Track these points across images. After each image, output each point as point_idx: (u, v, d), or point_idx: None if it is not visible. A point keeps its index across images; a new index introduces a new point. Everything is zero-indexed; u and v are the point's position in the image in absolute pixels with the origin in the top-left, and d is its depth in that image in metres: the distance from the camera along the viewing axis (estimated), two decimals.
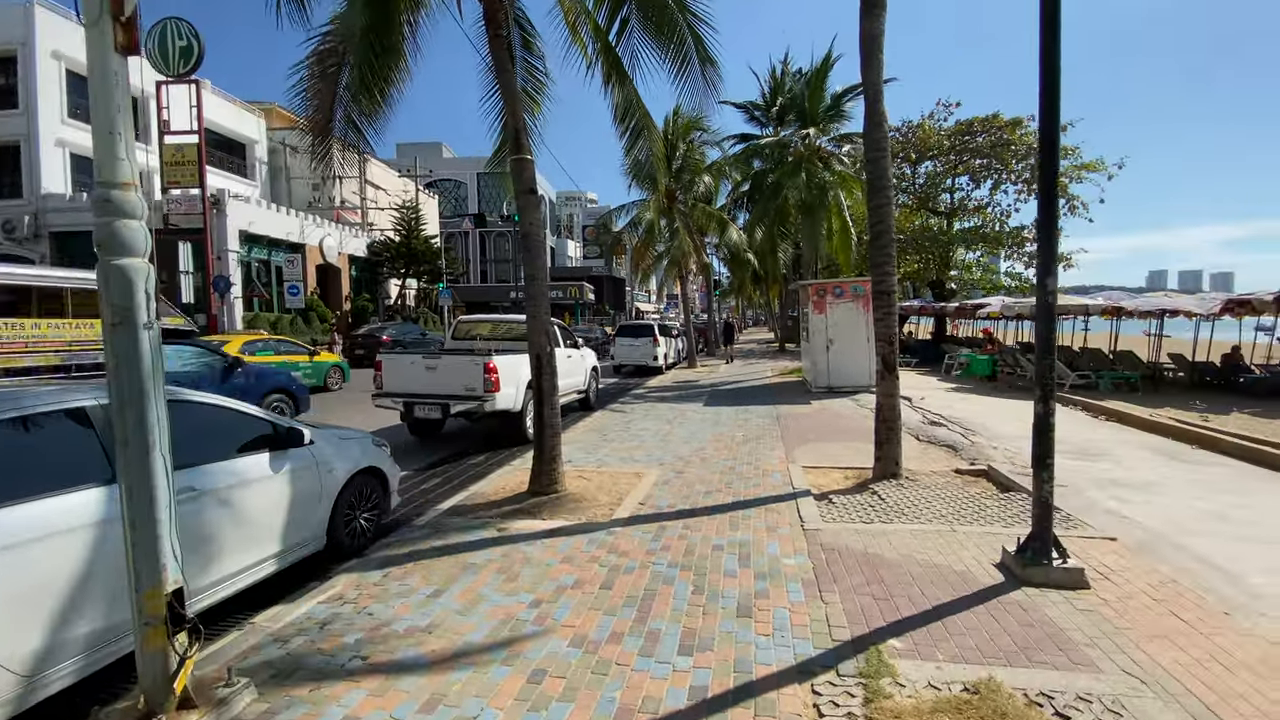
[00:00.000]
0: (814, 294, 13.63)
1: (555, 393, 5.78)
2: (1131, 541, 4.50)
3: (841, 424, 9.81)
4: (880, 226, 6.03)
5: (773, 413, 11.07)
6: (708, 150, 20.47)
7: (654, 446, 8.26)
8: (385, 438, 5.97)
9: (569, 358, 10.63)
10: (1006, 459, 7.36)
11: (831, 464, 7.02)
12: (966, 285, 28.59)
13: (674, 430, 9.47)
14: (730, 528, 4.75)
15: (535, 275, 5.70)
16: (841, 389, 13.51)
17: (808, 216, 15.99)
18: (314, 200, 34.57)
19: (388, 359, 8.32)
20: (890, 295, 6.04)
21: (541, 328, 5.72)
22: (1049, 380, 3.72)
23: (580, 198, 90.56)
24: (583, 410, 11.78)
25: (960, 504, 5.30)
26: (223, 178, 27.87)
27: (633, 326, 19.55)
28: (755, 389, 14.88)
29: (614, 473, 6.75)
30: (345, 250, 29.84)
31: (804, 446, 8.08)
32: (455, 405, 7.79)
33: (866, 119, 6.13)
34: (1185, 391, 14.10)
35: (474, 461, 7.79)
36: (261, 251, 24.87)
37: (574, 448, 8.17)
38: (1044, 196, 3.73)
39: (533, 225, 5.68)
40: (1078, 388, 14.04)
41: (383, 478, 5.12)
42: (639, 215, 19.53)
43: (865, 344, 13.43)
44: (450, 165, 64.73)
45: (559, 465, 5.82)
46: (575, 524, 4.92)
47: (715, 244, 33.53)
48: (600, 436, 9.07)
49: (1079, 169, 25.11)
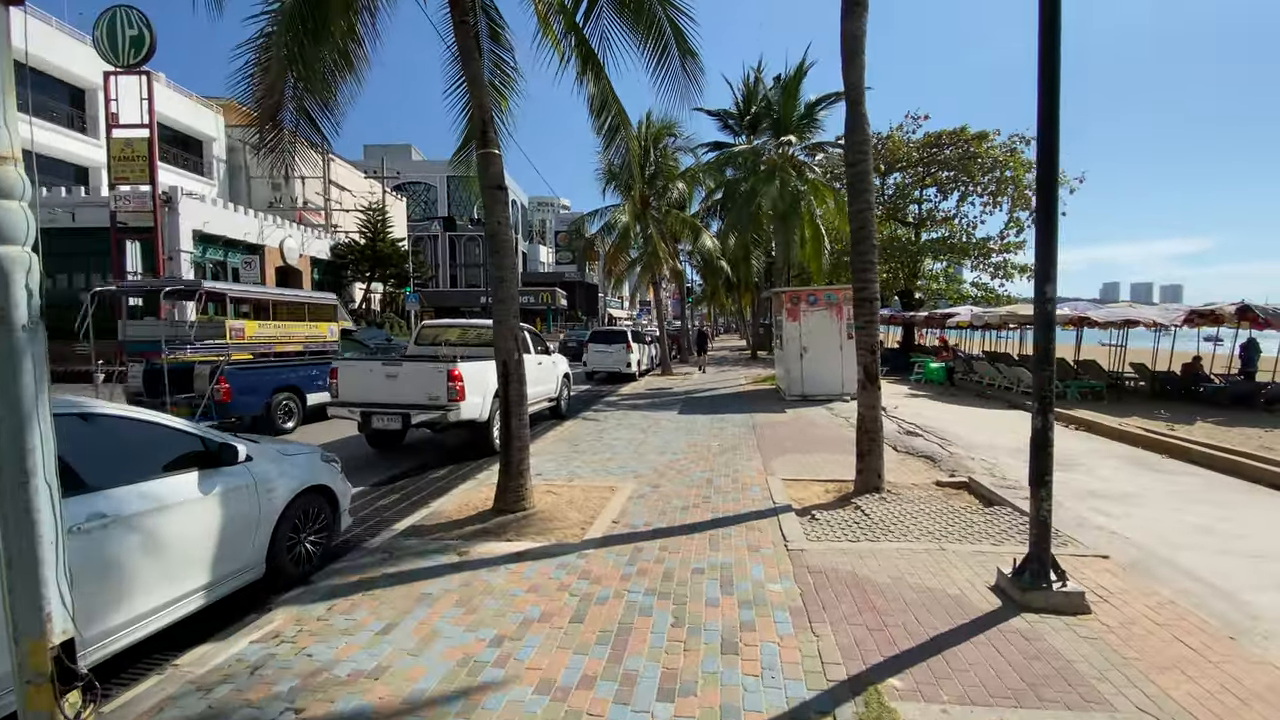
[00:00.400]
0: (788, 301, 13.51)
1: (523, 403, 5.42)
2: (1124, 559, 4.35)
3: (818, 433, 9.63)
4: (862, 231, 5.85)
5: (748, 421, 10.86)
6: (681, 156, 20.34)
7: (628, 457, 7.93)
8: (340, 450, 5.53)
9: (539, 364, 10.25)
10: (985, 470, 7.24)
11: (811, 476, 6.79)
12: (934, 295, 29.05)
13: (648, 440, 9.17)
14: (710, 548, 4.45)
15: (503, 277, 5.35)
16: (815, 397, 13.40)
17: (781, 224, 15.92)
18: (275, 201, 33.46)
19: (344, 365, 7.83)
20: (872, 303, 5.85)
21: (509, 333, 5.35)
22: (1048, 393, 3.53)
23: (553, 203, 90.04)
24: (554, 419, 11.39)
25: (946, 519, 5.11)
26: (177, 175, 26.71)
27: (606, 333, 19.22)
28: (729, 397, 14.68)
29: (586, 486, 6.40)
30: (307, 252, 28.85)
31: (782, 458, 7.85)
32: (417, 415, 7.35)
33: (848, 121, 5.95)
34: (1148, 401, 14.40)
35: (436, 476, 7.35)
36: (217, 252, 23.80)
37: (544, 459, 7.79)
38: (1043, 200, 3.55)
39: (500, 223, 5.33)
40: None
41: (332, 497, 4.68)
42: (613, 219, 19.25)
43: (839, 352, 13.36)
44: (419, 168, 63.63)
45: (527, 480, 5.45)
46: (543, 546, 4.56)
47: (689, 251, 33.49)
48: (572, 447, 8.70)
49: None
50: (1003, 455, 8.35)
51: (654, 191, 19.68)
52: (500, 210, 5.35)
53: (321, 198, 33.83)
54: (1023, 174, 25.53)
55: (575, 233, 21.07)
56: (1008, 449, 8.81)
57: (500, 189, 5.38)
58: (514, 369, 5.34)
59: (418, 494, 6.57)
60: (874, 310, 5.87)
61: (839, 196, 17.08)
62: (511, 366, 5.33)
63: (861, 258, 5.86)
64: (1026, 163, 25.67)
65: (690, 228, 19.94)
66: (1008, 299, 27.22)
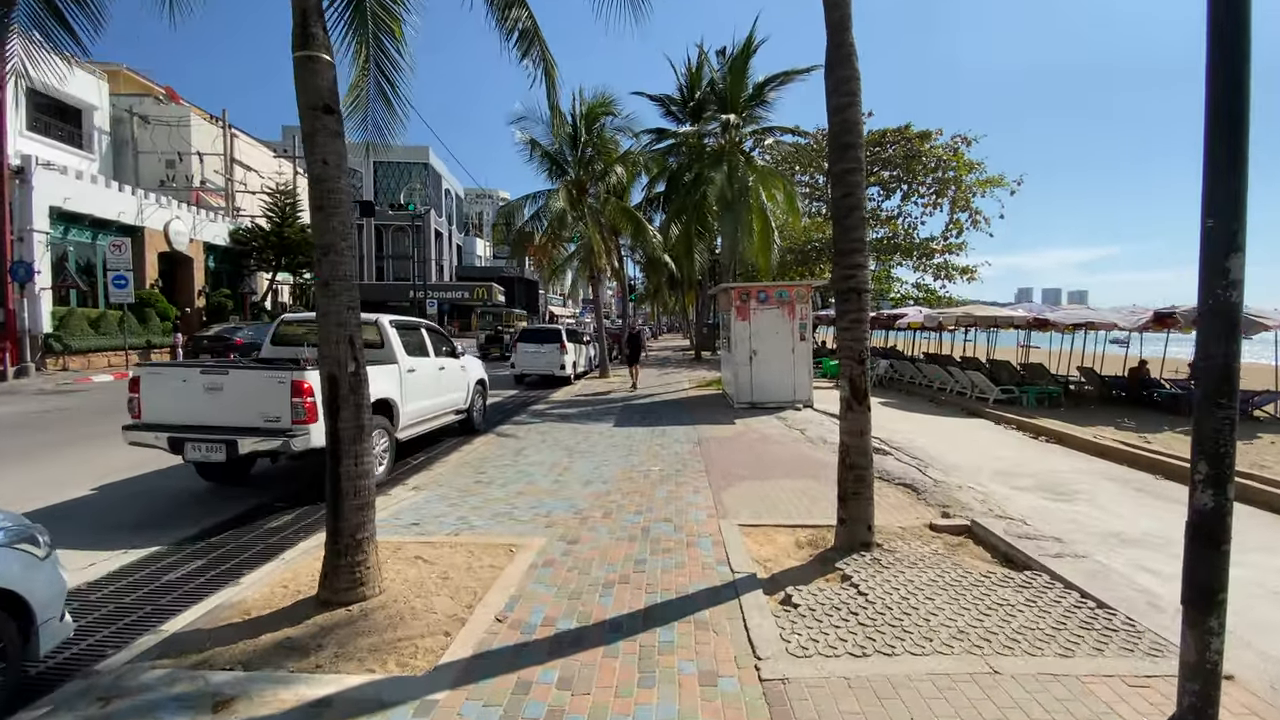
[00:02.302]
0: (737, 298, 12.09)
1: (362, 439, 3.61)
2: (1258, 681, 2.92)
3: (774, 451, 8.19)
4: (848, 200, 4.35)
5: (693, 435, 9.32)
6: (622, 139, 18.67)
7: (545, 490, 6.21)
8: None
9: (440, 370, 8.36)
10: (980, 503, 5.93)
11: (776, 519, 5.26)
12: (875, 296, 28.71)
13: (574, 464, 7.46)
14: (640, 683, 2.79)
15: (331, 245, 3.53)
16: (766, 405, 12.04)
17: (728, 212, 14.53)
18: (167, 179, 29.68)
19: (149, 374, 5.73)
20: (862, 295, 4.37)
21: (342, 333, 3.54)
22: (1227, 449, 2.04)
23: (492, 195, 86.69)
24: (463, 435, 9.50)
25: (971, 597, 3.66)
26: (46, 145, 22.82)
27: (537, 331, 17.31)
28: (672, 404, 13.14)
29: (476, 545, 4.64)
30: (200, 237, 25.47)
31: (736, 487, 6.32)
32: (246, 442, 5.37)
33: (830, 53, 4.45)
34: (1104, 407, 13.83)
35: (273, 525, 5.39)
36: (83, 234, 20.37)
37: (433, 496, 5.96)
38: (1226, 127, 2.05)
39: (326, 164, 3.51)
40: (1001, 402, 13.40)
41: (21, 607, 2.78)
42: (545, 206, 17.36)
43: (791, 355, 12.07)
44: None
45: (369, 553, 3.65)
46: (369, 684, 2.79)
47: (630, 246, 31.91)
48: (475, 475, 6.89)
49: (984, 184, 25.54)
50: (989, 480, 7.12)
51: (590, 177, 17.93)
52: (327, 145, 3.52)
53: (223, 177, 30.23)
54: (964, 174, 25.31)
55: (507, 222, 18.99)
56: (991, 472, 7.61)
57: (329, 112, 3.55)
58: (347, 388, 3.53)
59: (231, 559, 4.63)
60: (863, 305, 4.38)
61: (789, 186, 15.85)
62: (342, 383, 3.51)
63: (847, 235, 4.37)
64: (968, 163, 25.46)
65: (630, 219, 18.30)
66: (949, 300, 27.09)
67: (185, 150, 29.42)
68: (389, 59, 5.24)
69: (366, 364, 3.70)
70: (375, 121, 5.63)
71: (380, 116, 5.62)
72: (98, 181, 20.69)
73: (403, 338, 7.54)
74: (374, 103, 5.58)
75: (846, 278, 4.38)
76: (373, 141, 5.73)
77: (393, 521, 5.25)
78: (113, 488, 6.60)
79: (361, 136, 5.66)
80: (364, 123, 5.60)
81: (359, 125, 5.62)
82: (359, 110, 5.53)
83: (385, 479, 6.73)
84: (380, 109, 5.59)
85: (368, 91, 5.51)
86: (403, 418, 7.26)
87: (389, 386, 6.98)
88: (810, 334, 12.11)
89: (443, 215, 63.96)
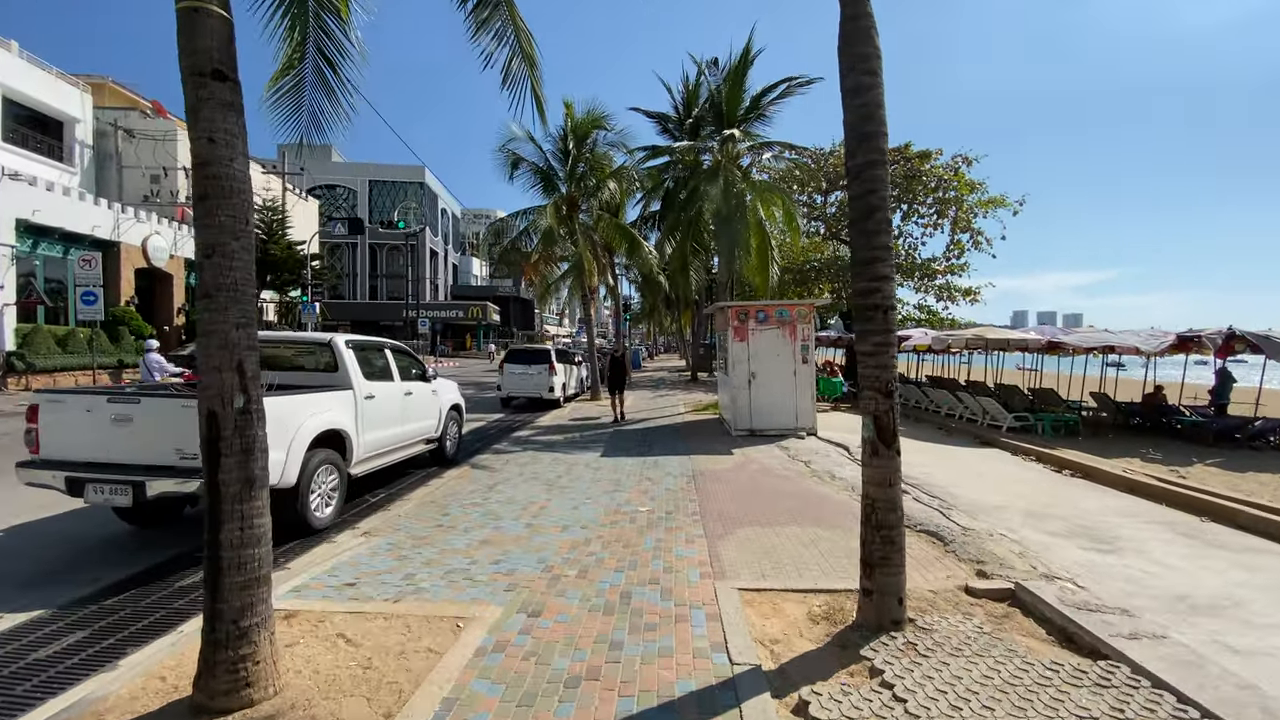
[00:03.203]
0: (734, 318, 11.35)
1: (252, 496, 2.79)
2: None
3: (777, 488, 7.36)
4: (872, 200, 3.62)
5: (688, 467, 8.49)
6: (615, 154, 18.10)
7: (512, 540, 5.36)
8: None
9: (407, 395, 7.54)
10: (1018, 556, 5.11)
11: (784, 580, 4.43)
12: None
13: (552, 503, 6.62)
14: None
15: (218, 245, 2.75)
16: (766, 432, 11.23)
17: (724, 228, 13.84)
18: (151, 195, 29.08)
19: (49, 402, 4.90)
20: (888, 314, 3.60)
21: (228, 357, 2.74)
22: None
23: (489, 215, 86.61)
24: (435, 465, 8.66)
25: (1040, 705, 2.83)
26: (23, 158, 22.16)
27: (524, 351, 16.50)
28: (666, 430, 12.31)
29: (416, 617, 3.79)
30: (181, 253, 24.72)
31: (735, 535, 5.49)
32: (156, 484, 4.52)
33: (844, 30, 3.75)
34: (1122, 436, 13.04)
35: (187, 583, 4.52)
36: (53, 248, 19.60)
37: (381, 546, 5.11)
38: None
39: (215, 142, 2.75)
40: (1014, 430, 12.62)
41: None
42: (533, 223, 16.68)
43: (792, 379, 11.29)
44: (340, 170, 59.22)
45: (259, 644, 2.80)
46: None
47: (625, 264, 31.29)
48: (437, 518, 6.04)
49: (986, 204, 25.06)
50: (1020, 524, 6.30)
51: (582, 192, 17.31)
52: (215, 119, 2.76)
53: None
54: (966, 194, 24.84)
55: (495, 238, 18.32)
56: (1019, 513, 6.79)
57: (221, 79, 2.79)
58: (232, 428, 2.72)
59: (120, 630, 3.78)
60: (889, 326, 3.61)
61: (788, 203, 15.22)
62: (225, 422, 2.71)
63: (869, 241, 3.62)
64: (969, 183, 25.02)
65: (624, 235, 17.65)
66: (952, 322, 26.42)
67: (171, 165, 28.85)
68: (331, 40, 4.52)
69: (263, 396, 2.90)
70: (312, 112, 4.89)
71: (319, 106, 4.88)
72: (70, 194, 20.00)
73: (361, 360, 6.75)
74: (311, 91, 4.85)
75: (869, 292, 3.61)
76: (308, 140, 4.98)
77: (326, 580, 4.40)
78: (20, 531, 5.74)
79: (295, 131, 4.91)
80: (298, 113, 4.86)
81: (291, 117, 4.88)
82: (292, 97, 4.80)
83: (331, 522, 5.88)
84: (319, 99, 4.86)
85: (304, 78, 4.79)
86: (358, 450, 6.44)
87: (342, 416, 6.17)
88: (813, 356, 11.35)
89: (438, 234, 63.64)
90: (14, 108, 23.20)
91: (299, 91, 4.87)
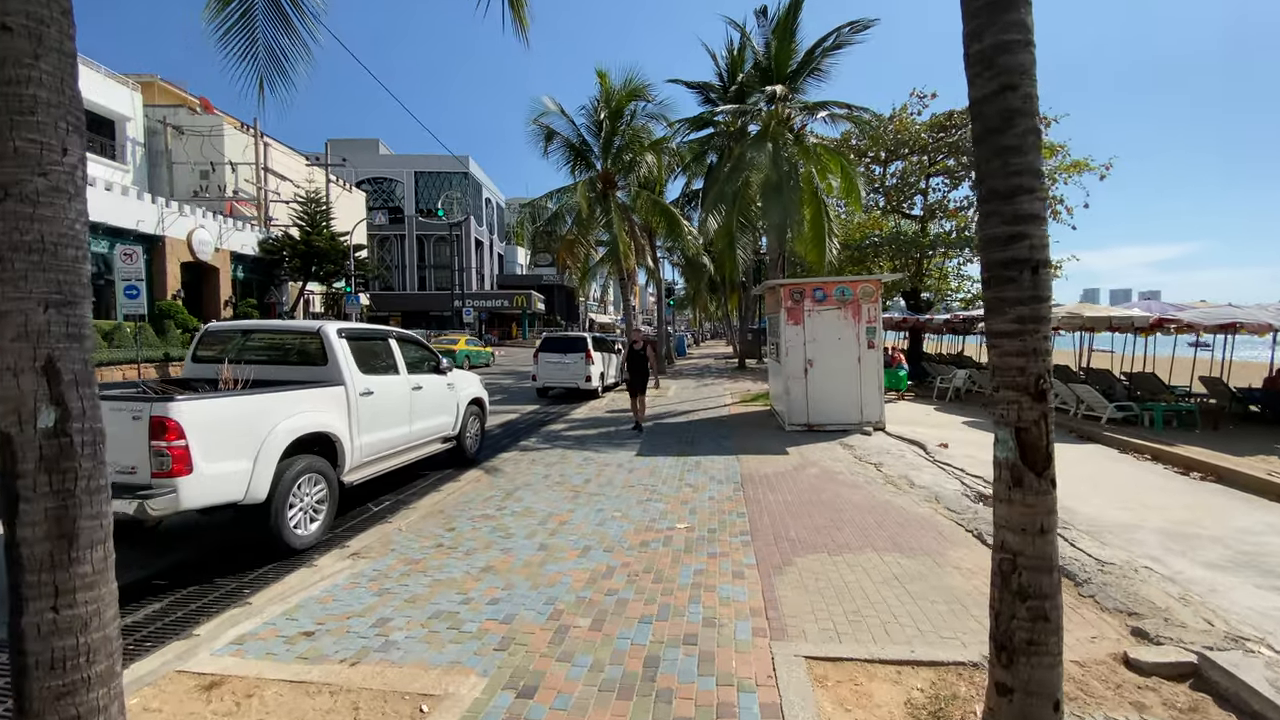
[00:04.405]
0: (788, 298, 10.06)
1: (78, 560, 1.85)
2: None
3: (845, 499, 6.15)
4: (1011, 99, 2.39)
5: (735, 470, 7.36)
6: (654, 127, 16.87)
7: (522, 566, 4.39)
8: None
9: (416, 390, 6.68)
10: (1180, 603, 3.79)
11: (866, 645, 3.28)
12: (944, 295, 25.97)
13: (574, 516, 5.63)
14: None
15: (15, 185, 1.80)
16: (825, 427, 9.95)
17: (775, 198, 12.46)
18: (200, 190, 29.64)
19: None
20: (1037, 273, 2.38)
21: (25, 353, 1.79)
22: None
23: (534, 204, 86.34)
24: (453, 467, 7.82)
25: None
26: None
27: (559, 339, 15.59)
28: (710, 424, 11.18)
29: (371, 692, 2.85)
30: (227, 246, 24.97)
31: (796, 567, 4.35)
32: None
33: None
34: (1244, 428, 11.10)
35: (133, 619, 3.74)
36: (99, 243, 19.88)
37: (364, 574, 4.21)
38: None
39: (9, 30, 1.79)
40: (1115, 422, 10.89)
41: None
42: (565, 202, 15.68)
43: (855, 366, 9.95)
44: (386, 163, 59.94)
45: None
46: None
47: (668, 247, 30.05)
48: (439, 534, 5.14)
49: (1068, 168, 22.65)
50: (1165, 551, 4.92)
51: (619, 169, 16.18)
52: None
53: (255, 186, 29.94)
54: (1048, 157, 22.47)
55: (531, 222, 17.40)
56: (1157, 533, 5.38)
57: None
58: (35, 460, 1.78)
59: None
60: (1039, 292, 2.38)
61: (847, 166, 13.68)
62: (25, 453, 1.78)
63: (1007, 162, 2.40)
64: (1051, 146, 22.65)
65: (664, 214, 16.45)
66: None
67: (219, 160, 29.29)
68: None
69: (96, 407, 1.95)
70: (269, 48, 3.97)
71: (276, 41, 3.95)
72: (113, 189, 20.21)
73: (356, 351, 5.88)
74: (266, 24, 3.93)
75: (1008, 240, 2.39)
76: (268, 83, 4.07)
77: (283, 626, 3.52)
78: None
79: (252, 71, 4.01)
80: (253, 49, 3.94)
81: (247, 54, 3.97)
82: (244, 30, 3.88)
83: (317, 539, 5.06)
84: (275, 32, 3.93)
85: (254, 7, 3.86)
86: (353, 455, 5.59)
87: (331, 416, 5.32)
88: (880, 339, 9.97)
89: (483, 224, 63.76)
90: None
91: (250, 24, 3.96)
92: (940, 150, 23.71)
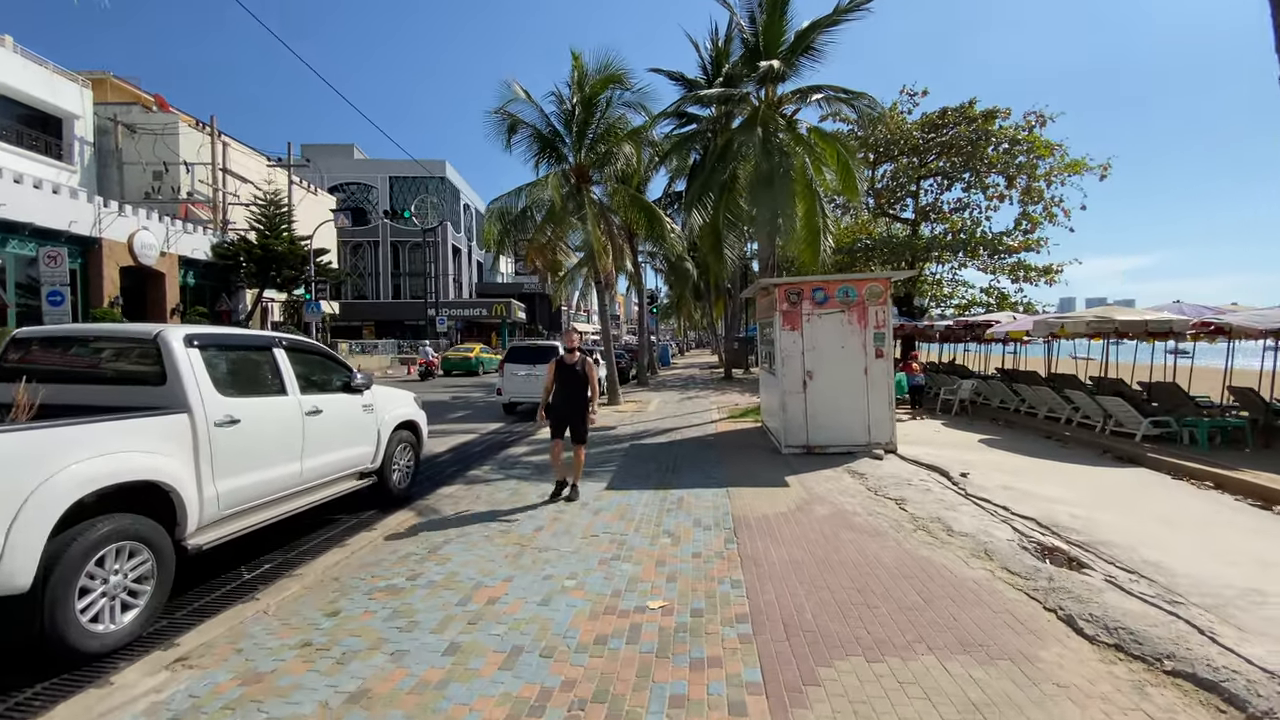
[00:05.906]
0: (784, 299, 8.67)
1: None
2: None
3: (870, 553, 4.70)
4: None
5: (725, 512, 5.89)
6: (632, 117, 15.51)
7: (407, 692, 2.89)
8: None
9: (314, 414, 5.13)
10: None
11: None
12: (939, 301, 24.87)
13: (512, 586, 4.13)
14: None
15: None
16: (828, 449, 8.54)
17: (764, 190, 11.11)
18: (153, 191, 27.75)
19: None
20: None
21: None
22: None
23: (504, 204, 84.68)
24: (377, 507, 6.28)
25: None
26: (20, 156, 20.76)
27: (528, 349, 14.05)
28: (694, 446, 9.73)
29: None
30: (175, 249, 23.14)
31: (824, 688, 2.89)
32: None
33: None
34: None
35: None
36: (24, 245, 18.01)
37: (174, 701, 2.68)
38: None
39: None
40: (1150, 439, 9.61)
41: None
42: (533, 195, 14.21)
43: (862, 378, 8.56)
44: (361, 168, 58.14)
45: None
46: None
47: (650, 251, 28.66)
48: (314, 623, 3.60)
49: (1067, 168, 21.67)
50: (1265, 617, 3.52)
51: (594, 162, 14.77)
52: None
53: (211, 188, 28.10)
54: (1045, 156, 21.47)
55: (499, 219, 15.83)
56: (1243, 592, 3.99)
57: None
58: None
59: None
60: None
61: (844, 155, 12.38)
62: None
63: None
64: (1047, 144, 21.66)
65: (643, 209, 15.06)
66: (1027, 306, 23.08)
67: (173, 160, 27.44)
68: None
69: None
70: None
71: None
72: (42, 186, 18.37)
73: (216, 366, 4.35)
74: None
75: None
76: None
77: None
78: None
79: None
80: None
81: None
82: None
83: (134, 634, 3.50)
84: None
85: None
86: (204, 509, 4.05)
87: (164, 459, 3.78)
88: (890, 347, 8.60)
89: (461, 230, 62.03)
90: (10, 105, 21.98)
91: None
92: (931, 150, 22.68)
